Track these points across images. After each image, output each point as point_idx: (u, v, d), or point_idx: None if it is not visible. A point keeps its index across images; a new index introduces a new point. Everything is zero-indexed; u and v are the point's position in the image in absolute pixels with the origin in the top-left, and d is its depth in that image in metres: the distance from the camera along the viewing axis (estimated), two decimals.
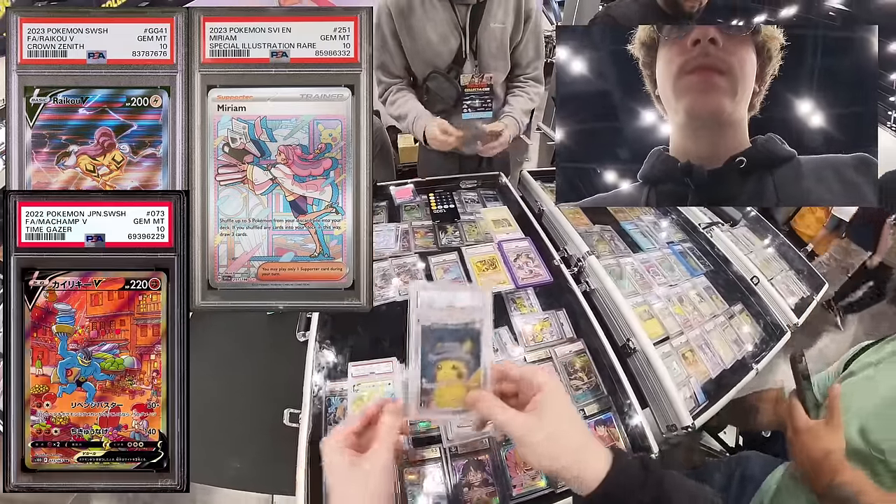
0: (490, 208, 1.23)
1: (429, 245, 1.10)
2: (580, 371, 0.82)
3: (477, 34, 1.19)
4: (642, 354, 0.86)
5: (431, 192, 1.29)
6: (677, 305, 1.03)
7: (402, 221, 1.20)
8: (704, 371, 0.92)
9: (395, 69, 1.27)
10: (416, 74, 1.29)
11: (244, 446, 0.86)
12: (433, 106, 1.24)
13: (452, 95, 1.23)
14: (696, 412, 0.83)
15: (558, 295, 0.96)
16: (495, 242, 1.06)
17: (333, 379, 0.80)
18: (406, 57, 1.25)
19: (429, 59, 1.22)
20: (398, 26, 1.18)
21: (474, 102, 1.24)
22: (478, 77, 1.22)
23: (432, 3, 1.15)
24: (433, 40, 1.18)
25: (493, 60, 1.24)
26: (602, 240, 1.16)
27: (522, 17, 1.22)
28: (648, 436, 0.72)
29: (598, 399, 0.78)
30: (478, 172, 1.41)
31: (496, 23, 1.19)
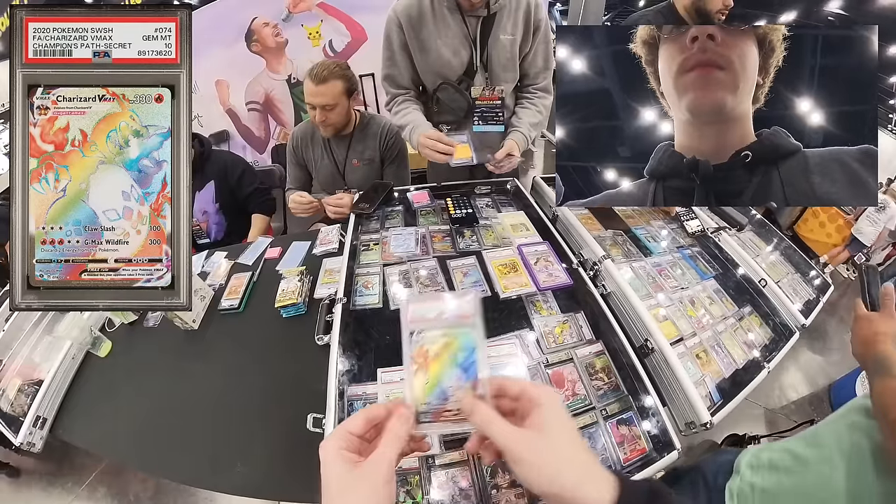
0: (506, 213, 1.25)
1: (447, 249, 1.12)
2: (600, 372, 0.85)
3: (487, 46, 1.22)
4: (660, 354, 0.89)
5: (449, 196, 1.31)
6: (689, 308, 1.05)
7: (419, 226, 1.23)
8: (718, 371, 0.94)
9: (403, 80, 1.30)
10: (427, 86, 1.31)
11: (253, 451, 0.85)
12: (443, 116, 1.26)
13: (463, 107, 1.25)
14: (713, 410, 0.85)
15: (576, 297, 0.98)
16: (515, 246, 1.09)
17: (357, 382, 0.81)
18: (415, 69, 1.27)
19: (440, 72, 1.24)
20: (409, 39, 1.20)
21: (485, 115, 1.26)
22: (489, 90, 1.25)
23: (443, 15, 1.18)
24: (444, 53, 1.21)
25: (502, 71, 1.27)
26: (615, 244, 1.19)
27: (531, 28, 1.24)
28: (670, 431, 0.75)
29: (619, 399, 0.80)
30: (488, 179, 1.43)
31: (506, 34, 1.21)
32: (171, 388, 1.02)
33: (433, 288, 1.01)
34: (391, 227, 1.24)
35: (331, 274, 1.24)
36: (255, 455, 0.85)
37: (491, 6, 1.17)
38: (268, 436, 0.87)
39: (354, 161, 1.64)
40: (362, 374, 0.82)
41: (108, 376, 1.08)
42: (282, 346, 1.08)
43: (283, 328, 1.13)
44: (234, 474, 0.82)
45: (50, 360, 1.05)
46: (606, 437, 0.75)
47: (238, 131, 3.42)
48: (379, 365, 0.83)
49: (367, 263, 1.10)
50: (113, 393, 1.04)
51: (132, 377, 1.07)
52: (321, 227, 1.47)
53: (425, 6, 1.17)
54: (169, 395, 1.01)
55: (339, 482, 0.34)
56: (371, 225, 1.28)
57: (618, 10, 9.64)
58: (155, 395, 1.01)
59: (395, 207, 1.35)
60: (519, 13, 1.21)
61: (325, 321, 0.97)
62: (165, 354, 1.11)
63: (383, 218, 1.30)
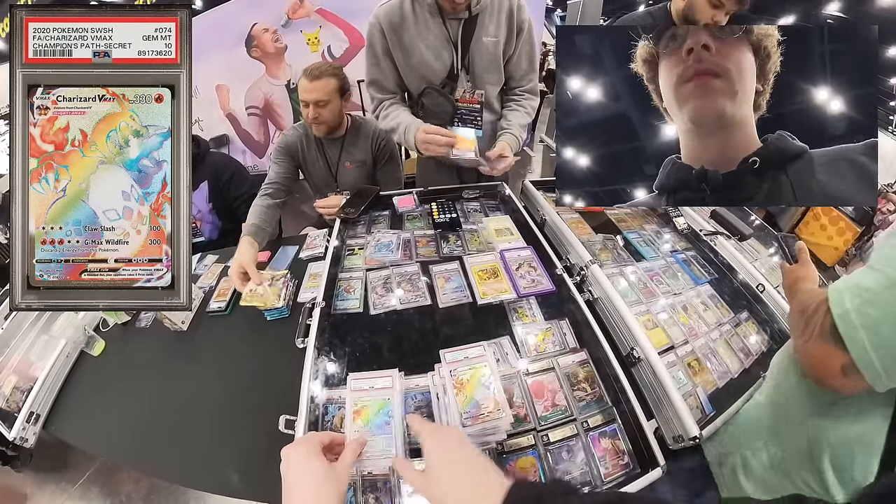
0: (492, 217, 1.23)
1: (431, 254, 1.10)
2: (583, 382, 0.81)
3: (470, 48, 1.20)
4: (647, 364, 0.85)
5: (434, 201, 1.29)
6: (682, 314, 1.01)
7: (405, 230, 1.21)
8: (711, 381, 0.90)
9: (388, 85, 1.29)
10: (411, 90, 1.30)
11: (240, 452, 0.86)
12: (428, 121, 1.25)
13: (448, 111, 1.23)
14: (704, 422, 0.81)
15: (560, 304, 0.95)
16: (497, 251, 1.06)
17: (331, 386, 0.79)
18: (399, 73, 1.26)
19: (423, 75, 1.23)
20: (391, 43, 1.19)
21: (464, 118, 1.25)
22: (469, 93, 1.23)
23: (424, 19, 1.16)
24: (426, 56, 1.19)
25: (486, 74, 1.25)
26: (605, 248, 1.16)
27: (515, 30, 1.22)
28: (654, 447, 0.71)
29: (603, 410, 0.77)
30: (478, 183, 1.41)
31: (488, 36, 1.19)
32: (161, 387, 1.04)
33: (414, 293, 0.98)
34: (375, 231, 1.22)
35: (315, 278, 1.23)
36: (242, 455, 0.85)
37: (472, 8, 1.15)
38: (255, 436, 0.87)
39: (347, 163, 1.63)
40: (335, 378, 0.81)
41: (100, 375, 1.11)
42: (265, 349, 1.09)
43: (266, 331, 1.14)
44: (223, 474, 0.83)
45: (45, 359, 1.08)
46: (587, 450, 0.72)
47: (238, 135, 3.45)
48: (352, 369, 0.81)
49: (350, 268, 1.09)
50: (105, 391, 1.06)
51: (124, 376, 1.09)
52: (309, 232, 1.46)
53: (406, 10, 1.16)
54: (159, 395, 1.02)
55: (318, 475, 0.42)
56: (357, 229, 1.26)
57: (616, 17, 9.61)
58: (146, 394, 1.03)
59: (382, 212, 1.33)
60: (502, 14, 1.19)
61: (305, 324, 0.96)
62: (156, 355, 1.13)
63: (370, 222, 1.29)
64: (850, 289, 0.49)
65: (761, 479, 0.71)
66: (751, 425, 0.77)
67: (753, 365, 0.95)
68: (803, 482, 0.64)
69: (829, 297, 0.51)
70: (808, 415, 0.63)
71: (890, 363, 0.46)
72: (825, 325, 0.51)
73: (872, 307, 0.47)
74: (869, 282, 0.48)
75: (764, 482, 0.71)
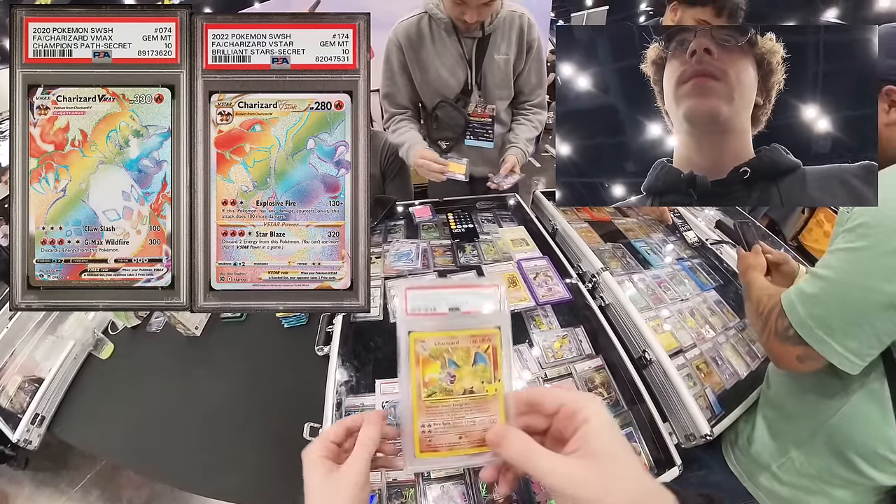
0: (507, 228, 1.27)
1: (448, 263, 1.14)
2: (600, 387, 0.85)
3: (483, 66, 1.27)
4: (658, 366, 0.89)
5: (450, 211, 1.34)
6: (689, 319, 1.05)
7: (421, 240, 1.24)
8: (719, 382, 0.94)
9: (402, 100, 1.35)
10: (426, 104, 1.36)
11: (251, 460, 0.86)
12: (442, 133, 1.31)
13: (461, 123, 1.31)
14: (714, 422, 0.85)
15: (576, 312, 0.99)
16: (515, 261, 1.10)
17: (355, 393, 0.82)
18: (415, 89, 1.32)
19: (438, 90, 1.30)
20: (409, 60, 1.26)
21: (476, 131, 1.32)
22: (481, 108, 1.31)
23: (441, 37, 1.23)
24: (442, 73, 1.26)
25: (497, 90, 1.32)
26: (614, 257, 1.20)
27: (525, 48, 1.29)
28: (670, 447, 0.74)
29: (619, 414, 0.81)
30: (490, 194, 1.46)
31: (500, 54, 1.27)
32: (170, 393, 1.03)
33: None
34: (393, 241, 1.26)
35: None
36: (252, 463, 0.85)
37: (485, 28, 1.22)
38: (265, 444, 0.88)
39: None
40: (360, 386, 0.84)
41: (108, 379, 1.09)
42: (282, 356, 1.09)
43: (283, 338, 1.14)
44: (229, 481, 0.83)
45: (51, 360, 1.05)
46: None
47: None
48: (378, 376, 0.84)
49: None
50: (112, 395, 1.04)
51: (132, 381, 1.07)
52: None
53: (424, 28, 1.22)
54: (169, 400, 1.01)
55: (318, 488, 0.34)
56: (373, 239, 1.30)
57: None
58: (154, 399, 1.02)
59: (397, 222, 1.37)
60: (513, 33, 1.25)
61: (325, 332, 0.98)
62: (167, 359, 1.12)
63: (386, 232, 1.32)
64: (800, 297, 0.63)
65: (800, 486, 0.77)
66: (767, 444, 0.82)
67: (759, 367, 0.99)
68: (843, 480, 0.70)
69: (784, 306, 0.65)
70: (820, 422, 0.71)
71: (853, 346, 0.59)
72: (779, 328, 0.66)
73: (819, 307, 0.61)
74: (813, 289, 0.62)
75: (806, 489, 0.76)
